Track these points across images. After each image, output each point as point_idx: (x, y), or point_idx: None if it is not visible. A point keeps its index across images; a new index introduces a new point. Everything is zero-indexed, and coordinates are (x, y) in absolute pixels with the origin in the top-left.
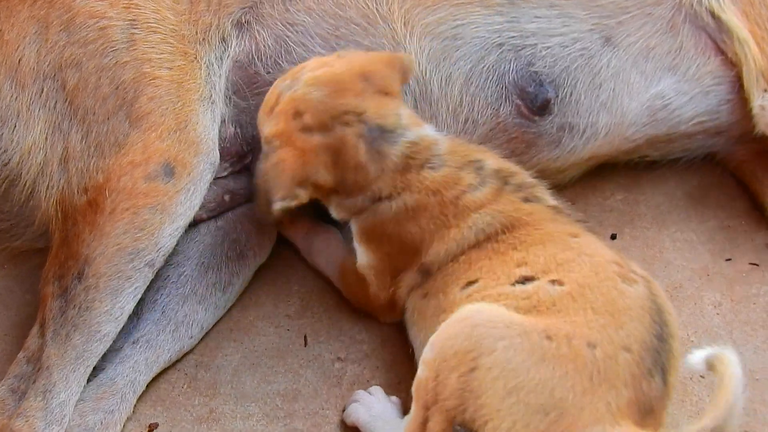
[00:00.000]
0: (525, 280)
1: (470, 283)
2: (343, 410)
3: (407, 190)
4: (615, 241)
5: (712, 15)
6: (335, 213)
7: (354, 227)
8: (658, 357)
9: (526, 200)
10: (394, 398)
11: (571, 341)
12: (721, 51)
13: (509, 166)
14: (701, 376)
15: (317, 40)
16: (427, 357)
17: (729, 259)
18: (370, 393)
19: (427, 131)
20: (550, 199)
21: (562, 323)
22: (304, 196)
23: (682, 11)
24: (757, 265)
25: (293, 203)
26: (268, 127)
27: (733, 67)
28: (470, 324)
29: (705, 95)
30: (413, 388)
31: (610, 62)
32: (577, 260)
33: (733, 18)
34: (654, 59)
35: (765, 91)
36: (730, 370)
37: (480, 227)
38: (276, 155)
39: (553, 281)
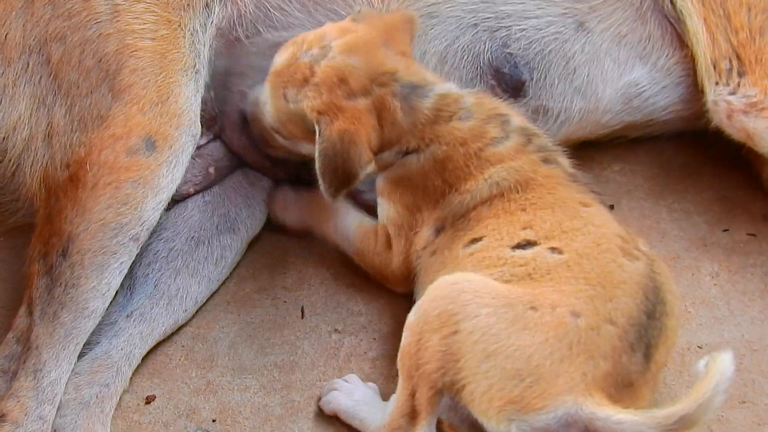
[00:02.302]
0: (527, 244)
1: (475, 240)
2: (319, 399)
3: (436, 141)
4: (612, 211)
5: (672, 1)
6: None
7: (379, 179)
8: (644, 333)
9: (546, 161)
10: (371, 384)
11: (555, 309)
12: (683, 43)
13: (533, 127)
14: (698, 347)
15: (295, 5)
16: (410, 320)
17: (726, 230)
18: (346, 380)
19: (452, 87)
20: (568, 167)
21: (550, 292)
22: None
23: None
24: (755, 235)
25: (372, 170)
26: (308, 100)
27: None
28: (457, 289)
29: (677, 86)
30: (398, 359)
31: (584, 48)
32: (582, 230)
33: (688, 5)
34: (626, 47)
35: (716, 83)
36: (719, 366)
37: (495, 180)
38: (334, 128)
39: (552, 249)
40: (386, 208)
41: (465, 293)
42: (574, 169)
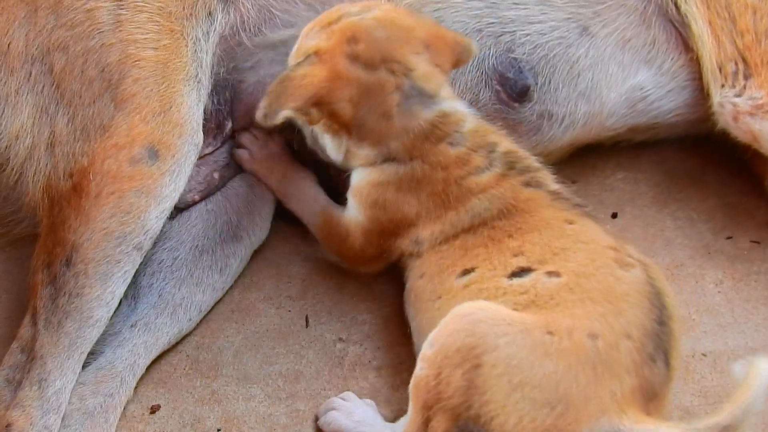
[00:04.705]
0: (522, 271)
1: (466, 271)
2: (316, 419)
3: (419, 158)
4: (616, 219)
5: (676, 6)
6: (337, 151)
7: (355, 178)
8: (660, 341)
9: (527, 185)
10: (368, 401)
11: (572, 334)
12: (689, 46)
13: (518, 150)
14: (703, 354)
15: (301, 5)
16: (426, 354)
17: (730, 237)
18: (343, 399)
19: (460, 106)
20: (552, 184)
21: (562, 317)
22: (316, 117)
23: (652, 2)
24: (758, 242)
25: (301, 119)
26: (315, 39)
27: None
28: (472, 320)
29: (682, 89)
30: (411, 387)
31: (588, 52)
32: (573, 248)
33: (692, 8)
34: (631, 51)
35: (722, 86)
36: (758, 374)
37: (477, 212)
38: (308, 67)
39: (549, 273)
40: (355, 210)
41: (481, 323)
42: (558, 184)
